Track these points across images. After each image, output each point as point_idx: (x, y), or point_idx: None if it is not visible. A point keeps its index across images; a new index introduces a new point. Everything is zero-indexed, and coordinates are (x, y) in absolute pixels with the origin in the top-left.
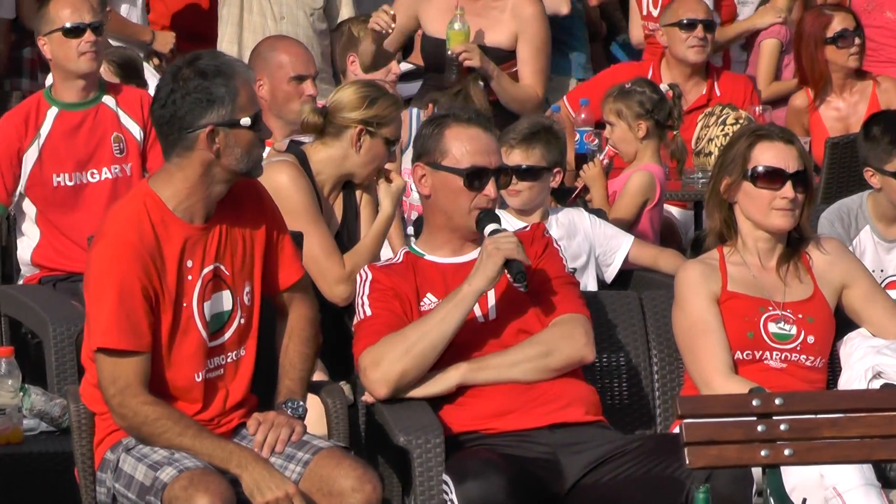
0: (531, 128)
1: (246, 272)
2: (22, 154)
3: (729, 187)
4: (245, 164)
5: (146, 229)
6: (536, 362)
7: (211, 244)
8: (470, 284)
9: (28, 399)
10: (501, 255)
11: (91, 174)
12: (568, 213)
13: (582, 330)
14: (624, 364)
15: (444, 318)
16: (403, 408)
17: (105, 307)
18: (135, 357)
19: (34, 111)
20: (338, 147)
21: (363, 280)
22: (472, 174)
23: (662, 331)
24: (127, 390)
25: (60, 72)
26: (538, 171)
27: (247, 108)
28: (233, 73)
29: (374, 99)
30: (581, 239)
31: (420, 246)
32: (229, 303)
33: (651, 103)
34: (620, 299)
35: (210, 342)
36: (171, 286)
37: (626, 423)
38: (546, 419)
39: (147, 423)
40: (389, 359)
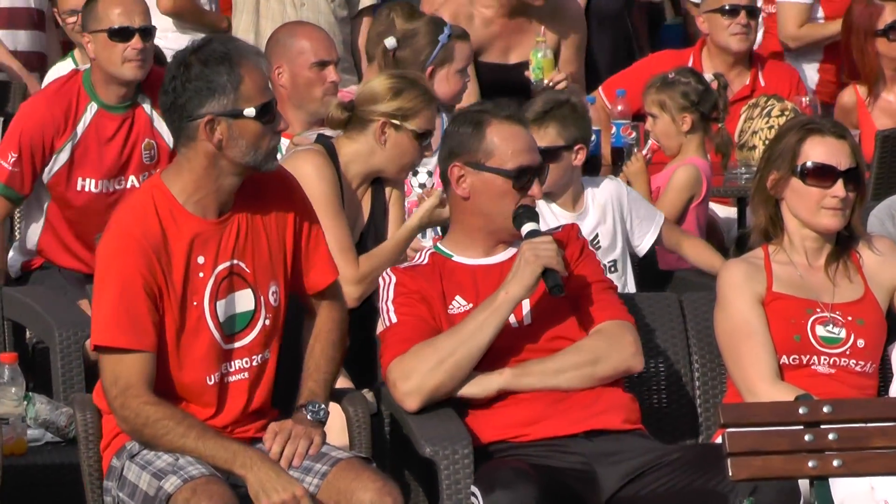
0: (543, 106)
1: (271, 270)
2: (55, 149)
3: (776, 183)
4: (252, 158)
5: (152, 223)
6: (582, 370)
7: (227, 240)
8: (507, 292)
9: (32, 408)
10: (540, 265)
11: (118, 181)
12: (605, 189)
13: (630, 338)
14: (663, 370)
15: (480, 326)
16: (429, 417)
17: (105, 303)
18: (137, 356)
19: (74, 103)
20: (363, 142)
21: (386, 284)
22: (520, 175)
23: (704, 334)
24: (129, 391)
25: (102, 73)
26: (554, 151)
27: (253, 97)
28: (239, 60)
29: (400, 90)
30: (616, 215)
31: (447, 246)
32: (250, 302)
33: (696, 94)
34: (659, 301)
35: (226, 344)
36: (178, 283)
37: (666, 432)
38: (581, 426)
39: (149, 424)
40: (422, 371)
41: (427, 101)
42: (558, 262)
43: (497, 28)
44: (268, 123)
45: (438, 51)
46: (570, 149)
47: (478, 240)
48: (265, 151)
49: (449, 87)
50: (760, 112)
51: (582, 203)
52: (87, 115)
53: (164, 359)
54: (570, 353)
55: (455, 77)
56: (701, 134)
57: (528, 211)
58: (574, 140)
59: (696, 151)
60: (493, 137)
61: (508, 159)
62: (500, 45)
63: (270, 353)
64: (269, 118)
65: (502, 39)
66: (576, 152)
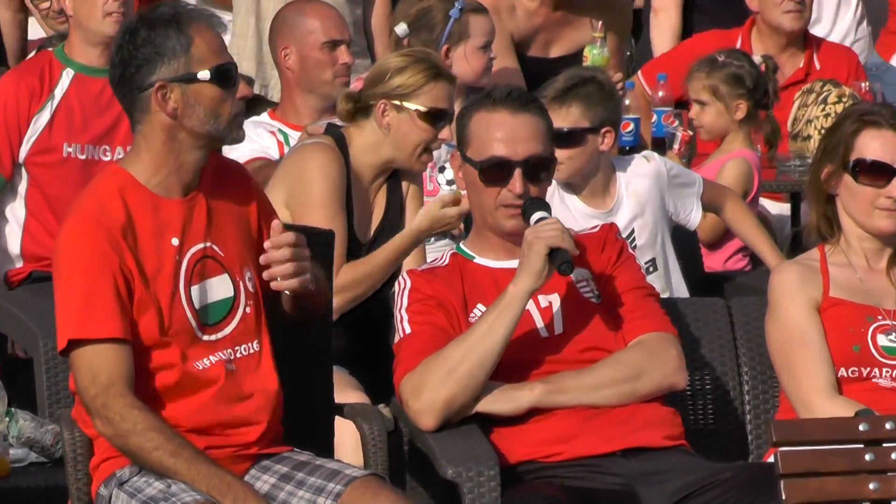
0: (566, 82)
1: (243, 255)
2: (31, 115)
3: (829, 177)
4: (213, 126)
5: (114, 205)
6: (621, 387)
7: (198, 220)
8: (515, 284)
9: (15, 426)
10: (543, 244)
11: (104, 151)
12: (641, 173)
13: (674, 352)
14: (710, 382)
15: (489, 328)
16: (451, 434)
17: (73, 294)
18: (115, 347)
19: (47, 71)
20: (370, 130)
21: (401, 289)
22: (488, 167)
23: (754, 344)
24: (111, 389)
25: (80, 31)
26: (578, 134)
27: (206, 59)
28: (189, 21)
29: (403, 68)
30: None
31: (469, 247)
32: (228, 288)
33: (752, 79)
34: (705, 307)
35: (205, 335)
36: (150, 267)
37: (713, 450)
38: (619, 443)
39: (136, 432)
40: (431, 385)
41: (432, 75)
42: (564, 240)
43: (540, 20)
44: (227, 88)
45: (451, 27)
46: (596, 131)
47: (491, 239)
48: (227, 119)
49: (469, 65)
50: (816, 98)
51: (613, 195)
52: (65, 80)
53: (138, 352)
54: (609, 367)
55: (476, 54)
56: (750, 123)
57: (535, 202)
58: (601, 122)
59: (744, 142)
60: (474, 125)
61: (481, 149)
62: (542, 39)
63: (261, 346)
64: (227, 82)
65: (545, 32)
66: (602, 136)
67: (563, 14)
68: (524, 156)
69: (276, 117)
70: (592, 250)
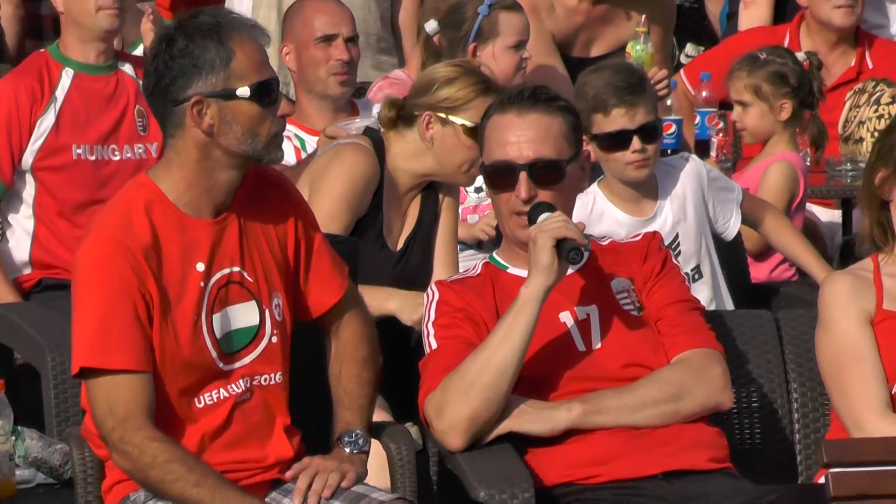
0: (628, 78)
1: (273, 280)
2: (35, 120)
3: (884, 182)
4: (250, 146)
5: (140, 224)
6: (664, 407)
7: (227, 243)
8: (527, 286)
9: (22, 444)
10: (547, 237)
11: (112, 150)
12: (682, 175)
13: (719, 370)
14: (756, 400)
15: (505, 336)
16: (483, 454)
17: (90, 318)
18: (133, 378)
19: (45, 73)
20: (411, 140)
21: (429, 301)
22: (492, 172)
23: (804, 359)
24: (129, 422)
25: (74, 28)
26: (660, 127)
27: (247, 74)
28: (231, 32)
29: (452, 80)
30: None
31: (501, 256)
32: (254, 316)
33: (796, 77)
34: (752, 320)
35: (225, 364)
36: (173, 293)
37: (760, 472)
38: (660, 465)
39: (155, 465)
40: (452, 403)
41: (481, 90)
42: (569, 230)
43: (580, 18)
44: (267, 106)
45: (479, 24)
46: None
47: (517, 249)
48: (266, 138)
49: (498, 65)
50: (868, 99)
51: (654, 201)
52: (65, 80)
53: (155, 381)
54: (651, 385)
55: (505, 54)
56: (795, 124)
57: (539, 206)
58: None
59: (788, 144)
60: (486, 130)
61: (489, 154)
62: (583, 38)
63: (282, 378)
64: (268, 99)
65: (586, 31)
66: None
67: (605, 10)
68: (530, 158)
69: (291, 122)
70: (634, 260)
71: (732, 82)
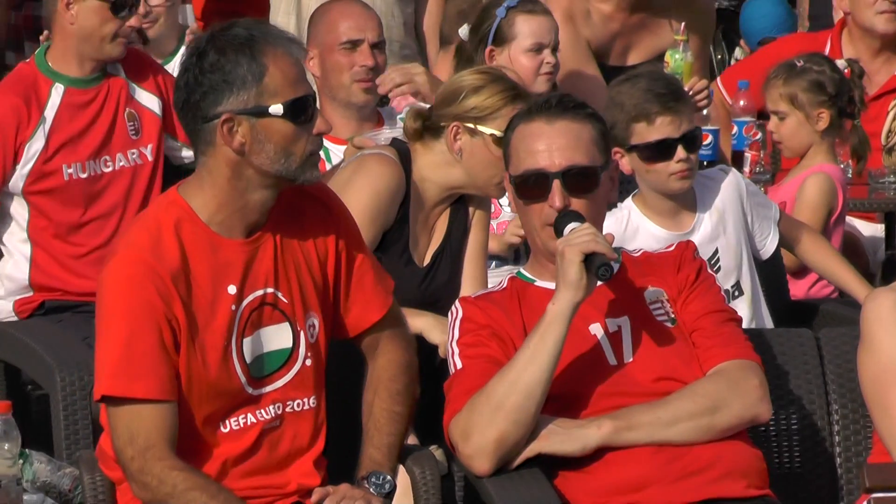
0: (668, 85)
1: (309, 301)
2: (23, 141)
3: None
4: (284, 166)
5: (169, 245)
6: (699, 420)
7: (261, 263)
8: (554, 303)
9: (30, 468)
10: (575, 251)
11: (105, 162)
12: (722, 187)
13: (756, 381)
14: (796, 421)
15: (533, 355)
16: (510, 478)
17: (113, 343)
18: (156, 408)
19: (32, 90)
20: (439, 151)
21: (453, 318)
22: (522, 182)
23: (846, 379)
24: (150, 452)
25: (77, 44)
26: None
27: (280, 91)
28: (264, 46)
29: (479, 88)
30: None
31: (529, 270)
32: (287, 339)
33: (834, 85)
34: (791, 339)
35: (254, 389)
36: (202, 318)
37: (799, 496)
38: (698, 493)
39: (175, 494)
40: (479, 426)
41: (510, 97)
42: (598, 244)
43: (616, 25)
44: (302, 124)
45: (496, 27)
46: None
47: (545, 262)
48: (300, 158)
49: (515, 69)
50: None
51: (692, 215)
52: (55, 98)
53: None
54: (684, 399)
55: (523, 58)
56: (834, 134)
57: (568, 215)
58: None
59: (827, 156)
60: (513, 141)
61: (518, 164)
62: (619, 46)
63: (317, 402)
64: (303, 117)
65: (622, 38)
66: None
67: (642, 18)
68: (563, 166)
69: None
70: (667, 270)
71: (768, 91)
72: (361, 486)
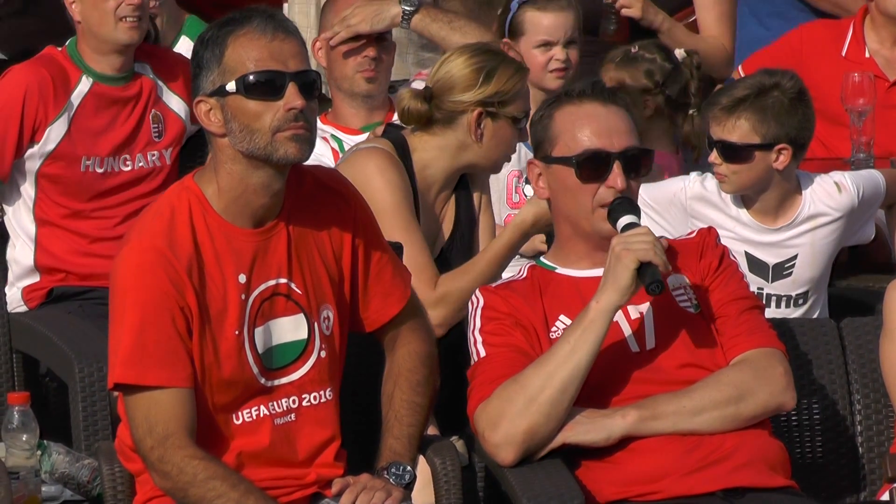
0: (742, 91)
1: (323, 293)
2: (45, 119)
3: None
4: (252, 145)
5: (182, 233)
6: (724, 409)
7: (273, 253)
8: (598, 301)
9: (48, 460)
10: (633, 258)
11: (124, 161)
12: (827, 198)
13: (781, 369)
14: (818, 411)
15: (572, 350)
16: (532, 470)
17: (127, 331)
18: (174, 395)
19: (61, 72)
20: (451, 137)
21: (474, 308)
22: (584, 161)
23: (868, 369)
24: (169, 441)
25: (91, 40)
26: (741, 149)
27: (237, 68)
28: (232, 27)
29: (492, 70)
30: (834, 232)
31: (550, 259)
32: (302, 330)
33: (662, 74)
34: (813, 328)
35: (267, 381)
36: (214, 307)
37: (821, 487)
38: (721, 482)
39: (196, 483)
40: (510, 416)
41: (522, 76)
42: (657, 255)
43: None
44: (262, 99)
45: (509, 21)
46: (768, 148)
47: (577, 248)
48: (265, 135)
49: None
50: None
51: (789, 215)
52: (83, 86)
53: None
54: (709, 387)
55: (532, 53)
56: (663, 122)
57: (624, 203)
58: (774, 138)
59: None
60: (560, 122)
61: (572, 144)
62: None
63: (332, 394)
64: (258, 93)
65: None
66: (777, 153)
67: None
68: (622, 147)
69: (328, 122)
70: (690, 256)
71: (602, 73)
72: (381, 477)
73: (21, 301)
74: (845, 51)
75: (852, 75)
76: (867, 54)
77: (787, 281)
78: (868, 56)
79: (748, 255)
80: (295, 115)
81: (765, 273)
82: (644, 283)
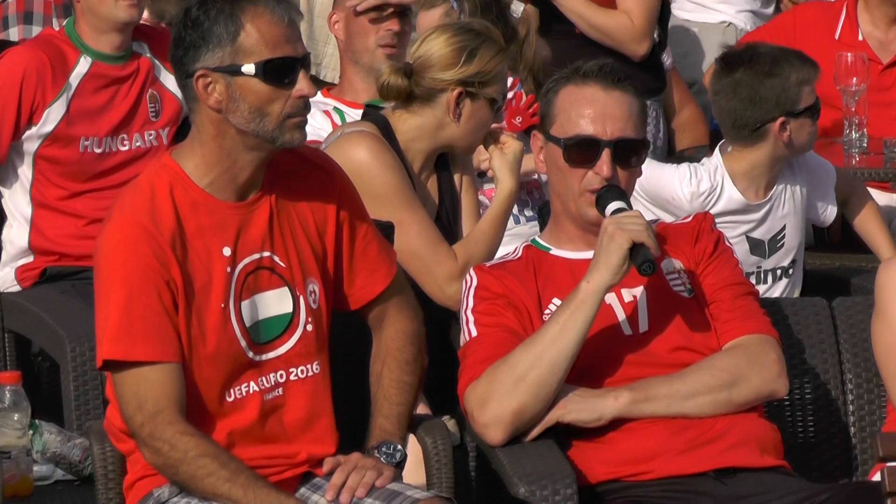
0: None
1: (307, 267)
2: (44, 100)
3: None
4: (259, 126)
5: (164, 208)
6: (717, 394)
7: (256, 226)
8: (589, 281)
9: (40, 439)
10: (626, 237)
11: (121, 140)
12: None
13: (774, 356)
14: (810, 391)
15: (561, 330)
16: (524, 449)
17: (114, 307)
18: (163, 370)
19: (59, 53)
20: (429, 115)
21: (466, 287)
22: (574, 146)
23: (860, 349)
24: (160, 416)
25: (91, 18)
26: None
27: (256, 51)
28: (246, 4)
29: (474, 50)
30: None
31: (545, 238)
32: (287, 304)
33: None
34: (805, 308)
35: (256, 354)
36: (199, 280)
37: (813, 466)
38: (711, 462)
39: (187, 460)
40: (498, 395)
41: (502, 59)
42: (648, 237)
43: None
44: (278, 85)
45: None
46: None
47: (569, 229)
48: (276, 120)
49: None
50: None
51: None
52: (82, 67)
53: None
54: (703, 372)
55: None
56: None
57: (611, 190)
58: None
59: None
60: (560, 100)
61: (567, 126)
62: None
63: (320, 368)
64: (278, 79)
65: None
66: (780, 126)
67: None
68: (614, 136)
69: (330, 95)
70: (685, 241)
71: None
72: (372, 456)
73: (14, 281)
74: (838, 33)
75: (845, 55)
76: (860, 37)
77: (780, 253)
78: (861, 39)
79: (748, 237)
80: (304, 103)
81: (762, 250)
82: (636, 263)
